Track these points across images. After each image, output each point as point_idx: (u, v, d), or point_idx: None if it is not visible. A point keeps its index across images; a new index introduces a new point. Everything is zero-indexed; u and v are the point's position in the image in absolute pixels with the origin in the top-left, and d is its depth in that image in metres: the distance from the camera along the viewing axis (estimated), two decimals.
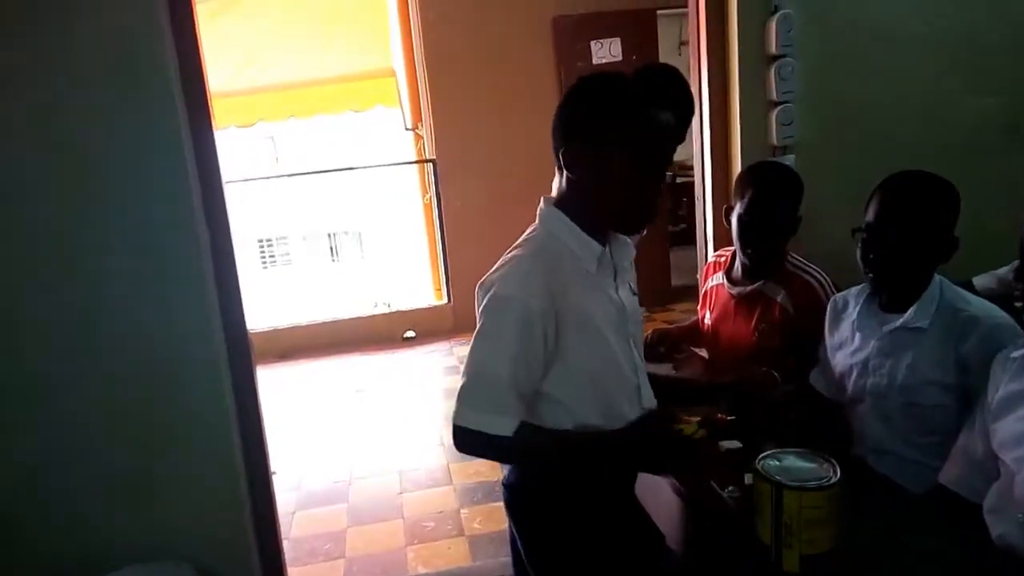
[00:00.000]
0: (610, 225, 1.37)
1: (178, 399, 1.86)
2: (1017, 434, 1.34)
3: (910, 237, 1.57)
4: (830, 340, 1.83)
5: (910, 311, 1.62)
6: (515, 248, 1.36)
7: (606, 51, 5.21)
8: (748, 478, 1.30)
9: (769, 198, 1.90)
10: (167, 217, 1.79)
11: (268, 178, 6.11)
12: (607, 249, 1.38)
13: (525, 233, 1.40)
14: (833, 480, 1.16)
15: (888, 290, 1.67)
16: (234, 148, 6.58)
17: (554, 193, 1.38)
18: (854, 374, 1.72)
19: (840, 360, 1.78)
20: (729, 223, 2.01)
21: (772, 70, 2.29)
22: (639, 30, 5.15)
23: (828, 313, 1.84)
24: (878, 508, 1.32)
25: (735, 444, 1.53)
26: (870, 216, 1.63)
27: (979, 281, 2.35)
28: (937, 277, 1.64)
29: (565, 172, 1.34)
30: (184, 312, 1.83)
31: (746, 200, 1.92)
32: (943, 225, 1.59)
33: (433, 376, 4.66)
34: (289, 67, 5.43)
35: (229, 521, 1.99)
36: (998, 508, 1.36)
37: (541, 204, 1.39)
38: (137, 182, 1.76)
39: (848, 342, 1.76)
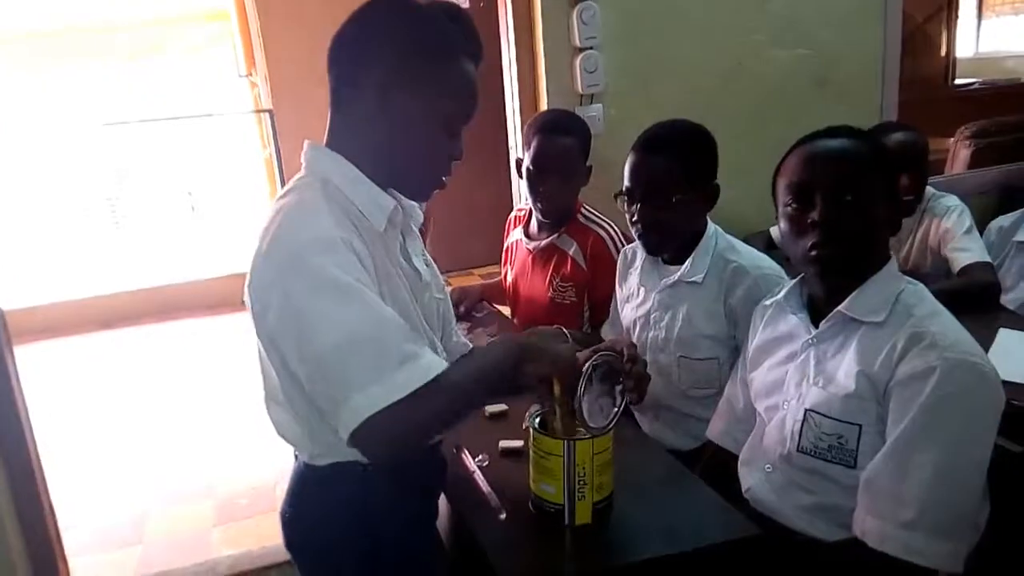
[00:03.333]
0: (400, 183, 1.09)
1: None
2: (769, 383, 1.33)
3: (657, 194, 1.52)
4: (620, 293, 1.79)
5: (686, 264, 1.59)
6: (285, 196, 1.02)
7: None
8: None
9: (554, 146, 1.81)
10: None
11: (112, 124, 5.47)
12: (398, 207, 1.09)
13: (289, 183, 1.07)
14: (613, 420, 1.10)
15: (660, 250, 1.63)
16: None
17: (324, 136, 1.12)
18: (638, 328, 1.69)
19: (627, 313, 1.74)
20: (520, 176, 1.92)
21: (575, 13, 2.20)
22: None
23: (618, 266, 1.80)
24: (646, 467, 1.27)
25: (500, 407, 1.44)
26: (626, 177, 1.57)
27: (775, 229, 2.39)
28: (712, 227, 1.61)
29: (348, 110, 1.06)
30: None
31: (532, 149, 1.83)
32: (696, 173, 1.54)
33: None
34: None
35: None
36: (749, 460, 1.35)
37: (307, 149, 1.08)
38: None
39: (634, 295, 1.72)
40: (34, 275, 4.95)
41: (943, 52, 5.56)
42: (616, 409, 1.11)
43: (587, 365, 1.07)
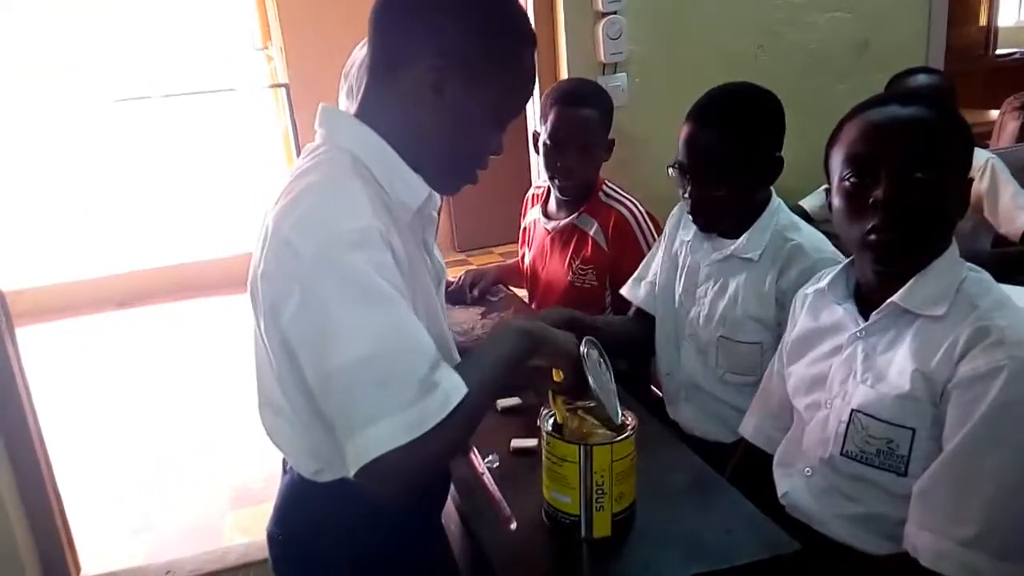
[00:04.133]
0: (432, 171, 0.95)
1: None
2: (810, 378, 1.21)
3: (710, 172, 1.39)
4: (662, 253, 1.62)
5: (742, 238, 1.45)
6: (306, 172, 0.89)
7: None
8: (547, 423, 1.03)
9: (574, 117, 1.69)
10: None
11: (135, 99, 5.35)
12: (432, 195, 0.97)
13: (307, 153, 0.94)
14: (632, 422, 1.01)
15: (712, 228, 1.50)
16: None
17: (347, 105, 0.97)
18: (679, 301, 1.57)
19: (665, 282, 1.60)
20: (537, 151, 1.80)
21: None
22: None
23: (668, 223, 1.64)
24: (671, 471, 1.16)
25: (513, 401, 1.34)
26: (680, 149, 1.44)
27: (808, 202, 2.26)
28: (776, 201, 1.47)
29: (391, 82, 0.92)
30: None
31: (550, 122, 1.71)
32: (756, 148, 1.39)
33: None
34: None
35: None
36: (786, 462, 1.24)
37: (323, 113, 0.95)
38: None
39: (680, 263, 1.58)
40: (47, 254, 4.93)
41: (983, 21, 5.33)
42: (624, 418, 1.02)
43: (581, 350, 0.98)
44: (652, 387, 1.95)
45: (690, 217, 1.50)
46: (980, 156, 2.12)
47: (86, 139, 5.39)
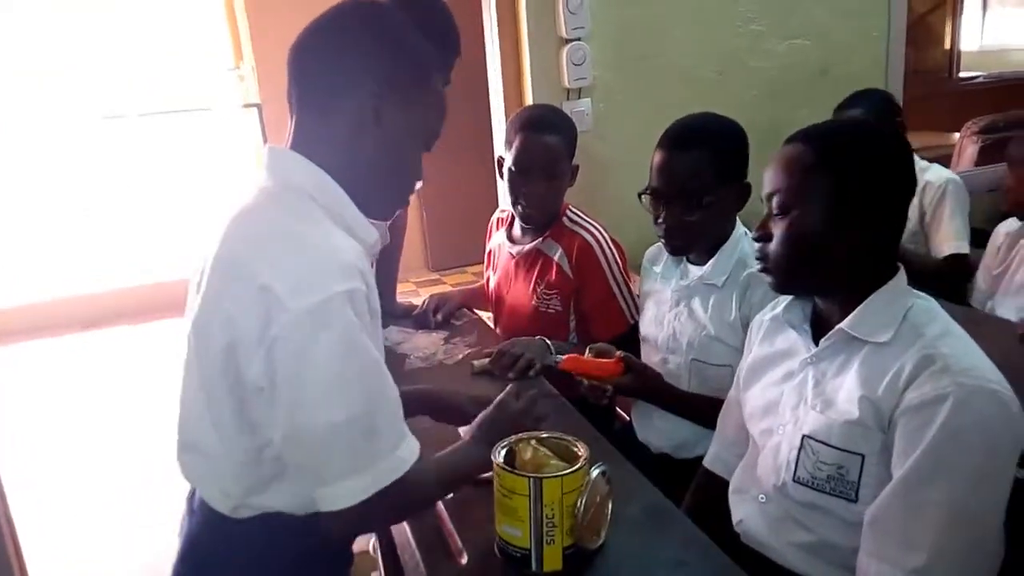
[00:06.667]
0: (370, 201, 0.96)
1: None
2: (763, 404, 1.22)
3: (687, 195, 1.42)
4: (642, 289, 1.69)
5: (707, 265, 1.49)
6: (279, 218, 0.89)
7: None
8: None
9: (538, 144, 1.70)
10: None
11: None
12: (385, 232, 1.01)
13: (254, 190, 0.93)
14: (584, 453, 1.01)
15: (686, 252, 1.53)
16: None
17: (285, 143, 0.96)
18: (652, 326, 1.61)
19: (647, 312, 1.65)
20: (502, 176, 1.80)
21: (561, 2, 2.08)
22: None
23: (643, 264, 1.70)
24: (625, 502, 1.15)
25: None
26: (652, 176, 1.47)
27: None
28: (741, 230, 1.51)
29: (324, 119, 0.93)
30: None
31: (514, 149, 1.72)
32: (728, 171, 1.44)
33: None
34: None
35: None
36: (741, 489, 1.24)
37: (275, 155, 0.94)
38: None
39: (654, 292, 1.64)
40: (17, 274, 4.83)
41: (947, 45, 5.46)
42: (576, 451, 1.04)
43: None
44: (619, 410, 1.96)
45: (662, 243, 1.53)
46: (942, 174, 2.18)
47: (53, 156, 5.31)
